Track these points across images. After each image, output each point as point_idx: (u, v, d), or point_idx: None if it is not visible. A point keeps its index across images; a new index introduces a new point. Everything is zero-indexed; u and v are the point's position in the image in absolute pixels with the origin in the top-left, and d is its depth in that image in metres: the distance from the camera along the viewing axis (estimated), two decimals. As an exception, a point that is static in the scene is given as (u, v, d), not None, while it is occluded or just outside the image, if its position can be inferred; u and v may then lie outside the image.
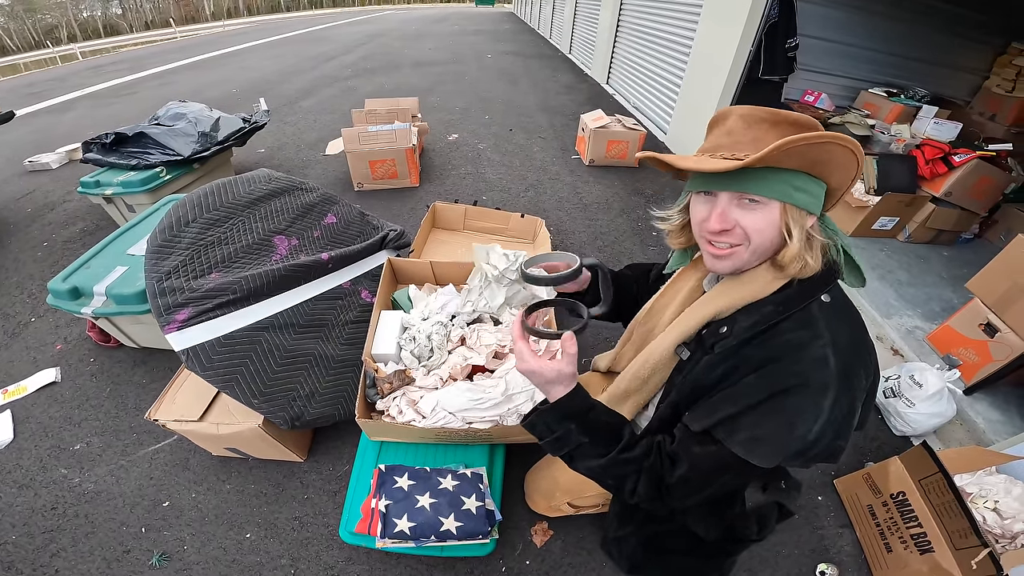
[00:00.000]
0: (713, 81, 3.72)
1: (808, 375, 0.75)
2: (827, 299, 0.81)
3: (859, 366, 0.79)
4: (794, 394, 0.76)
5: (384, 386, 1.53)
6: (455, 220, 2.74)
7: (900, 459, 1.58)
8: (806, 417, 0.75)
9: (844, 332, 0.79)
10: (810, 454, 0.77)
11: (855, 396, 0.78)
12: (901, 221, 3.05)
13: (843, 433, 0.77)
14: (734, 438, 0.80)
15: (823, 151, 0.73)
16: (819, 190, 0.79)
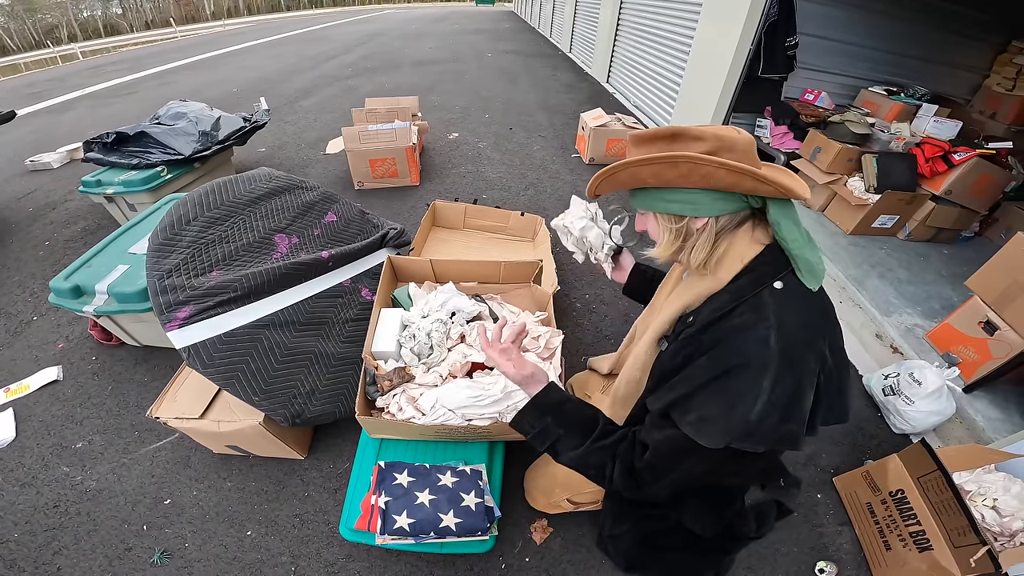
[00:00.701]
0: (713, 79, 3.71)
1: (749, 355, 0.79)
2: (780, 286, 0.84)
3: (807, 350, 0.80)
4: (735, 375, 0.79)
5: (384, 383, 1.53)
6: (455, 218, 2.74)
7: (899, 457, 1.58)
8: (746, 397, 0.77)
9: (793, 316, 0.81)
10: (758, 436, 0.79)
11: (801, 379, 0.79)
12: (901, 219, 3.05)
13: (791, 416, 0.79)
14: (685, 419, 0.84)
15: (658, 170, 0.86)
16: (701, 196, 0.87)
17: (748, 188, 0.84)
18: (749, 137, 0.86)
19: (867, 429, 2.01)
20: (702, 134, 0.84)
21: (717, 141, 0.83)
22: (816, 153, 3.28)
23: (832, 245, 3.01)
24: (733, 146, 0.83)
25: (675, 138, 0.86)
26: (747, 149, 0.84)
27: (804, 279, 0.84)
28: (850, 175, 3.17)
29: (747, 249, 0.89)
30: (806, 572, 1.56)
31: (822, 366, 0.82)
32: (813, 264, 0.85)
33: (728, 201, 0.87)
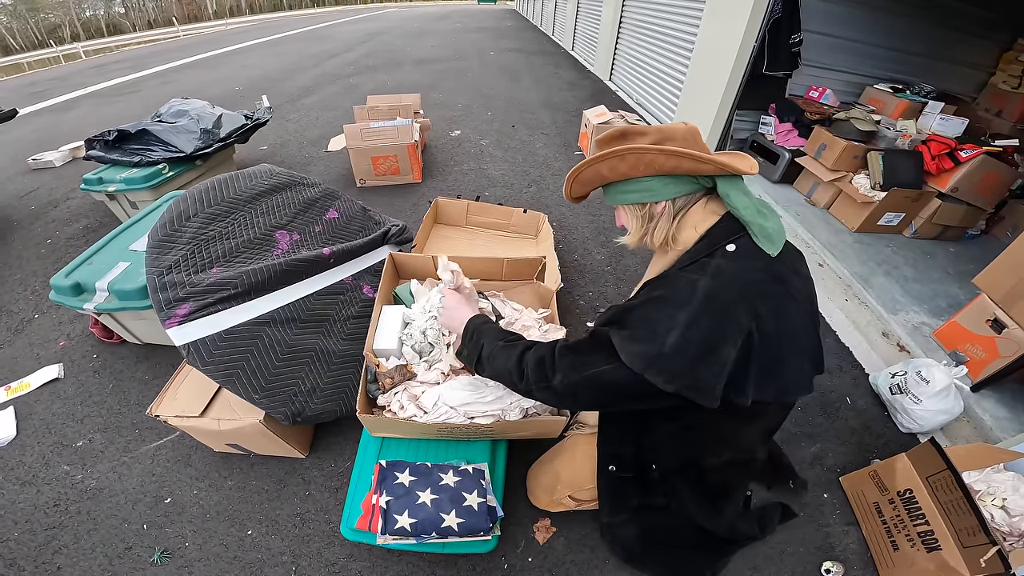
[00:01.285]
0: (716, 77, 3.69)
1: (675, 292, 0.89)
2: (732, 248, 0.92)
3: (737, 303, 0.86)
4: (658, 305, 0.90)
5: (385, 381, 1.52)
6: (457, 216, 2.73)
7: (907, 456, 1.56)
8: (661, 326, 0.86)
9: (732, 271, 0.88)
10: (669, 370, 0.85)
11: (720, 326, 0.85)
12: (907, 217, 3.03)
13: (703, 359, 0.84)
14: (619, 332, 0.92)
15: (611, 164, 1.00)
16: (654, 183, 0.98)
17: (689, 168, 0.94)
18: (691, 127, 0.99)
19: (874, 428, 2.00)
20: (645, 130, 0.99)
21: (659, 133, 0.97)
22: (821, 150, 3.26)
23: (837, 243, 2.99)
24: (673, 135, 0.96)
25: (624, 136, 1.01)
26: (687, 137, 0.96)
27: (760, 243, 0.91)
28: (855, 172, 3.16)
29: (702, 220, 0.99)
30: (812, 572, 1.54)
31: (756, 325, 0.85)
32: (767, 229, 0.92)
33: (680, 184, 0.98)
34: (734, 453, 1.10)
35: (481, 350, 1.19)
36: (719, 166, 0.91)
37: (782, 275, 0.92)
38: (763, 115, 3.83)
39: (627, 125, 1.02)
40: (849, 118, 3.27)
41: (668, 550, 1.30)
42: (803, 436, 1.94)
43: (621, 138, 1.01)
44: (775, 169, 3.64)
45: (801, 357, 0.95)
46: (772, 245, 0.91)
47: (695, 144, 0.96)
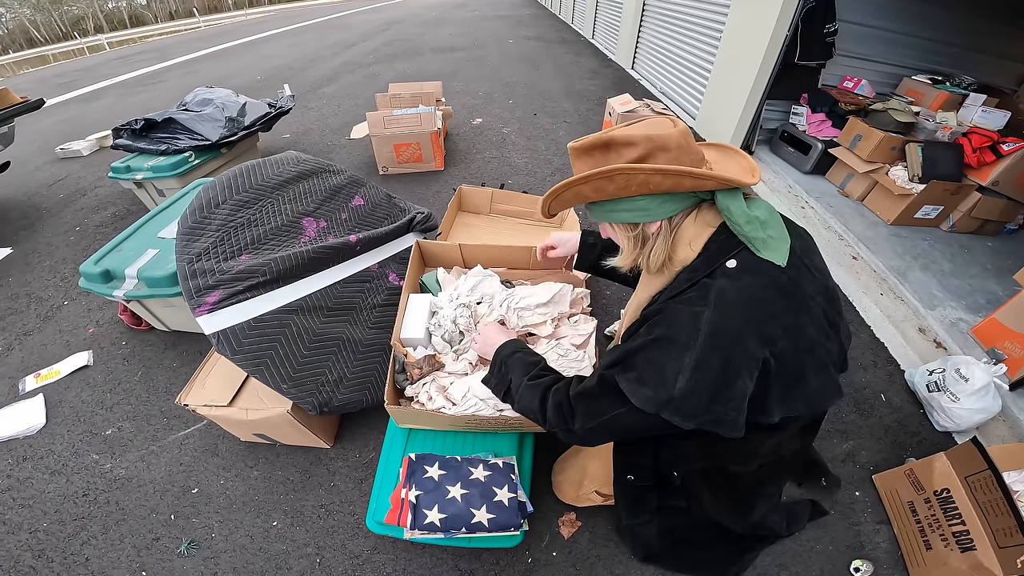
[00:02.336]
0: (746, 67, 3.59)
1: (677, 330, 0.82)
2: (733, 264, 0.83)
3: (745, 331, 0.79)
4: (661, 346, 0.83)
5: (413, 371, 1.49)
6: (482, 203, 2.69)
7: (946, 455, 1.51)
8: (668, 371, 0.80)
9: (736, 295, 0.81)
10: (684, 412, 0.80)
11: (731, 362, 0.78)
12: (945, 210, 2.95)
13: (720, 398, 0.79)
14: (624, 376, 0.87)
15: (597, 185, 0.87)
16: (648, 202, 0.87)
17: (689, 187, 0.84)
18: (682, 129, 0.86)
19: (909, 426, 1.94)
20: (631, 139, 0.84)
21: (649, 143, 0.83)
22: (856, 141, 3.18)
23: (873, 235, 2.92)
24: (666, 144, 0.83)
25: (608, 147, 0.87)
26: (681, 143, 0.84)
27: (764, 256, 0.83)
28: (892, 164, 3.08)
29: (696, 235, 0.89)
30: (841, 571, 1.51)
31: (771, 351, 0.80)
32: (769, 240, 0.84)
33: (677, 201, 0.87)
34: (764, 460, 1.05)
35: (509, 385, 1.17)
36: (722, 182, 0.82)
37: (792, 284, 0.84)
38: (794, 105, 3.75)
39: (611, 133, 0.86)
40: (887, 109, 3.19)
41: (691, 548, 1.26)
42: (836, 433, 1.89)
43: (604, 149, 0.87)
44: (807, 160, 3.56)
45: (824, 367, 0.87)
46: (777, 253, 0.84)
47: (689, 150, 0.85)
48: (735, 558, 1.24)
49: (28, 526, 1.64)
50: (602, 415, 0.92)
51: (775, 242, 0.84)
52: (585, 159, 0.90)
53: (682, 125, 0.87)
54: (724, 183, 0.83)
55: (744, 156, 0.94)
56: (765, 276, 0.82)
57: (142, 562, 1.54)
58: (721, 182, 0.82)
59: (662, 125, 0.86)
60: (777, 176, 3.67)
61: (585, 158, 0.90)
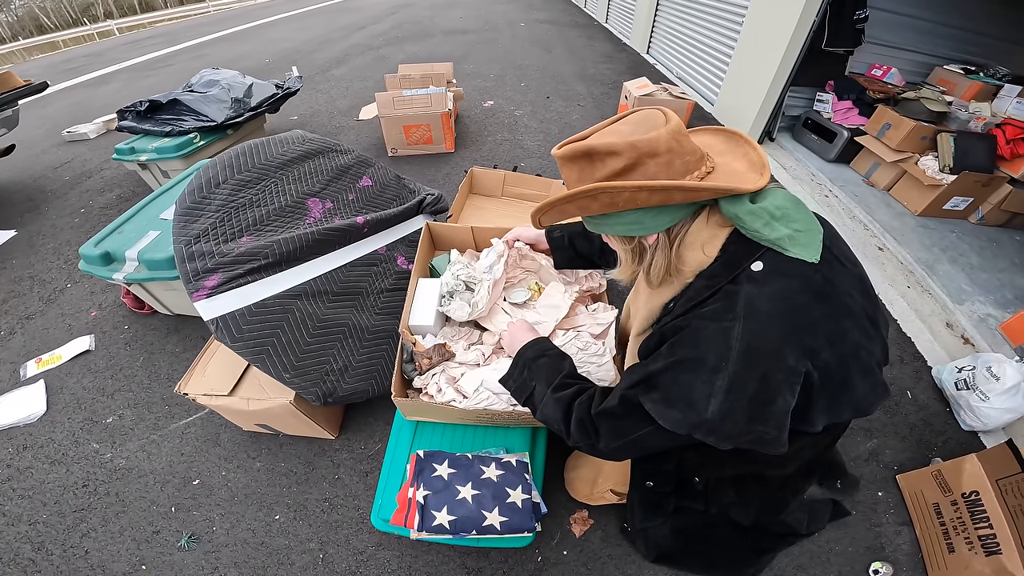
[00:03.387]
0: (770, 53, 3.48)
1: (705, 349, 0.73)
2: (759, 267, 0.74)
3: (783, 345, 0.70)
4: (689, 368, 0.74)
5: (423, 361, 1.42)
6: (493, 186, 2.60)
7: (978, 457, 1.47)
8: (698, 395, 0.72)
9: (768, 304, 0.72)
10: (721, 433, 0.73)
11: (769, 379, 0.70)
12: (975, 202, 2.88)
13: (759, 417, 0.71)
14: (648, 397, 0.79)
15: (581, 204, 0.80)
16: (640, 216, 0.79)
17: (681, 200, 0.76)
18: (673, 127, 0.75)
19: (935, 425, 1.87)
20: (613, 148, 0.74)
21: (634, 152, 0.73)
22: (885, 129, 3.09)
23: (899, 226, 2.85)
24: (654, 150, 0.73)
25: (590, 157, 0.77)
26: (672, 146, 0.74)
27: (794, 254, 0.74)
28: (922, 154, 3.00)
29: (710, 238, 0.80)
30: (859, 573, 1.46)
31: (813, 363, 0.71)
32: (798, 237, 0.75)
33: (673, 212, 0.79)
34: (800, 460, 0.99)
35: (532, 392, 1.09)
36: (718, 193, 0.74)
37: (826, 284, 0.74)
38: (819, 92, 3.68)
39: (592, 141, 0.77)
40: (920, 98, 3.13)
41: (707, 547, 1.20)
42: (860, 431, 1.83)
43: (588, 159, 0.78)
44: (831, 148, 3.49)
45: (870, 370, 0.78)
46: (809, 248, 0.74)
47: (681, 152, 0.75)
48: (752, 558, 1.19)
49: (28, 517, 1.61)
50: (627, 435, 0.87)
51: (804, 236, 0.75)
52: (571, 168, 0.82)
53: (674, 121, 0.76)
54: (720, 193, 0.74)
55: (753, 147, 0.84)
56: (797, 279, 0.73)
57: (142, 556, 1.50)
58: (717, 193, 0.74)
59: (651, 123, 0.77)
60: (799, 164, 3.59)
61: (571, 167, 0.81)
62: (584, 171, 0.79)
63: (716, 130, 0.92)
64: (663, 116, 0.78)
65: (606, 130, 0.82)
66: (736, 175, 0.78)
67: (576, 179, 0.81)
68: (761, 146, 0.86)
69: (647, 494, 1.19)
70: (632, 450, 0.91)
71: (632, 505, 1.27)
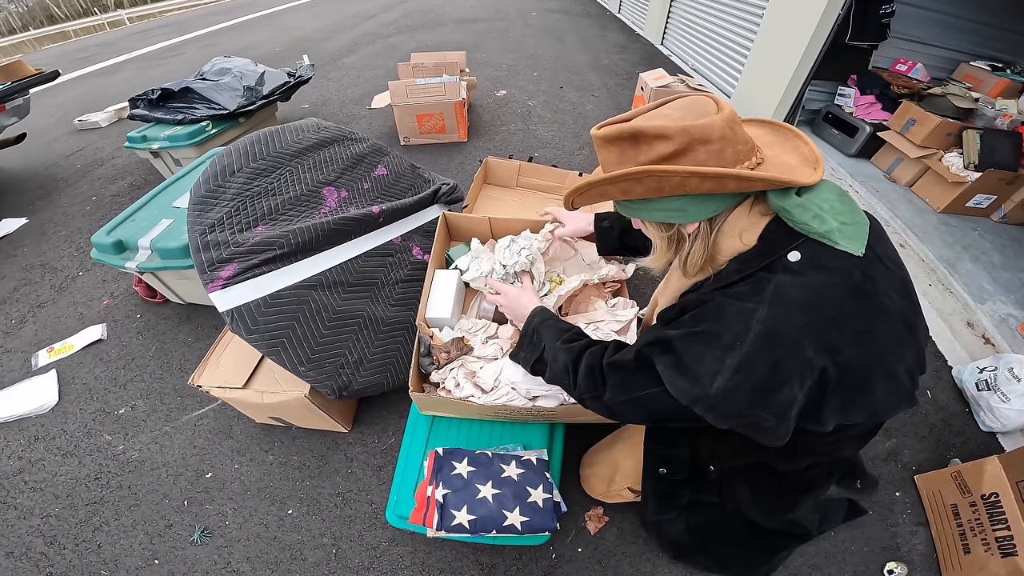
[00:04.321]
0: (791, 47, 3.40)
1: (723, 325, 0.73)
2: (796, 257, 0.72)
3: (803, 337, 0.69)
4: (703, 339, 0.74)
5: (441, 355, 1.39)
6: (508, 177, 2.57)
7: (1000, 459, 1.46)
8: (705, 369, 0.72)
9: (798, 295, 0.70)
10: (720, 411, 0.73)
11: (781, 366, 0.69)
12: (998, 200, 2.82)
13: (760, 403, 0.71)
14: (663, 359, 0.79)
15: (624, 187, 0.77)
16: (684, 203, 0.77)
17: (733, 189, 0.74)
18: (727, 114, 0.73)
19: (954, 425, 1.84)
20: (664, 132, 0.71)
21: (685, 137, 0.70)
22: (909, 125, 3.03)
23: (921, 223, 2.79)
24: (707, 136, 0.70)
25: (636, 139, 0.75)
26: (726, 134, 0.71)
27: (841, 246, 0.71)
28: (946, 150, 2.95)
29: (749, 226, 0.78)
30: (874, 573, 1.45)
31: (832, 360, 0.69)
32: (846, 229, 0.72)
33: (719, 201, 0.77)
34: (817, 459, 0.96)
35: (542, 352, 1.10)
36: (774, 184, 0.71)
37: (866, 282, 0.71)
38: (841, 86, 3.60)
39: (640, 123, 0.73)
40: (946, 94, 3.08)
41: (720, 546, 1.21)
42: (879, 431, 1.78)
43: (632, 141, 0.75)
44: (852, 142, 3.41)
45: (894, 375, 0.74)
46: (854, 241, 0.72)
47: (734, 141, 0.72)
48: (766, 557, 1.20)
49: (40, 511, 1.60)
50: (634, 391, 0.87)
51: (850, 228, 0.73)
52: (610, 149, 0.79)
53: (727, 109, 0.73)
54: (776, 185, 0.72)
55: (804, 140, 0.81)
56: (835, 272, 0.71)
57: (155, 550, 1.49)
58: (772, 184, 0.72)
59: (702, 109, 0.75)
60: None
61: (610, 148, 0.79)
62: (626, 153, 0.76)
63: (762, 121, 0.89)
64: (714, 103, 0.75)
65: (651, 113, 0.78)
66: (787, 167, 0.75)
67: (615, 161, 0.78)
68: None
69: (661, 483, 1.18)
70: (634, 409, 0.91)
71: (646, 496, 1.26)
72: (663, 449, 1.17)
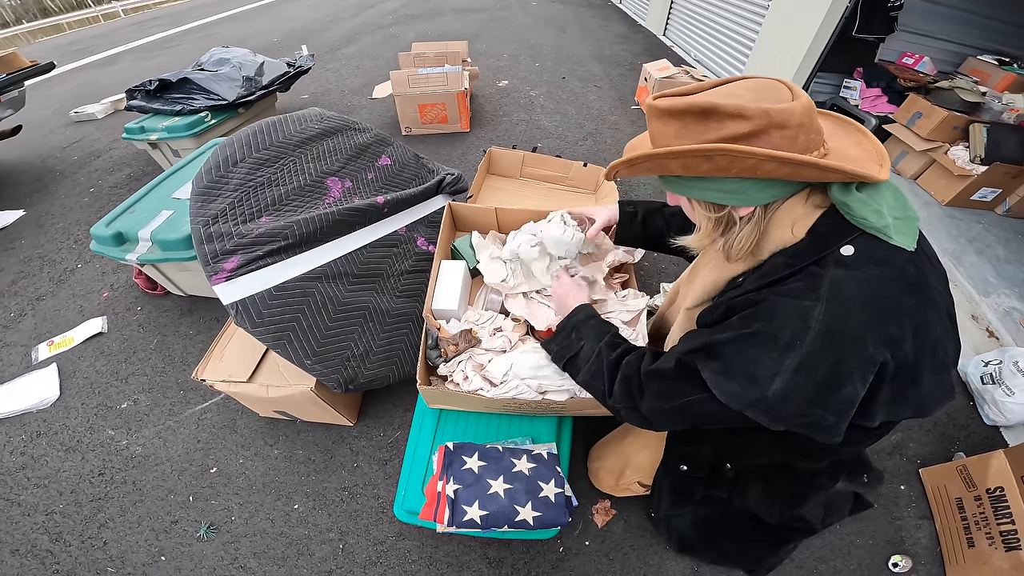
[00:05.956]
0: (798, 39, 3.40)
1: (780, 325, 0.70)
2: (850, 251, 0.70)
3: (865, 333, 0.67)
4: (759, 341, 0.72)
5: (449, 348, 1.37)
6: (512, 167, 2.55)
7: (1005, 453, 1.47)
8: (763, 371, 0.70)
9: (856, 290, 0.68)
10: (776, 414, 0.72)
11: (842, 365, 0.68)
12: (1003, 193, 2.83)
13: (821, 402, 0.69)
14: (707, 364, 0.78)
15: (688, 163, 0.73)
16: (746, 186, 0.74)
17: (807, 178, 0.71)
18: (806, 101, 0.69)
19: (959, 419, 1.84)
20: (743, 112, 0.67)
21: (764, 119, 0.66)
22: (915, 118, 3.02)
23: (927, 216, 2.81)
24: (786, 121, 0.67)
25: (707, 115, 0.70)
26: (804, 121, 0.68)
27: (895, 241, 0.70)
28: (952, 144, 2.94)
29: (802, 216, 0.76)
30: (879, 565, 1.46)
31: (892, 354, 0.68)
32: (898, 224, 0.70)
33: (780, 187, 0.74)
34: (838, 456, 0.97)
35: (579, 351, 1.08)
36: (853, 177, 0.68)
37: (919, 276, 0.70)
38: (847, 79, 3.59)
39: (714, 99, 0.69)
40: (953, 87, 3.06)
41: (726, 539, 1.22)
42: (885, 424, 1.79)
43: (702, 117, 0.70)
44: None
45: (943, 368, 0.73)
46: (907, 237, 0.70)
47: (810, 129, 0.69)
48: (772, 550, 1.21)
49: (44, 507, 1.58)
50: (675, 399, 0.84)
51: (903, 224, 0.71)
52: (669, 122, 0.74)
53: (804, 97, 0.69)
54: (852, 178, 0.68)
55: (865, 134, 0.78)
56: (891, 267, 0.69)
57: (161, 546, 1.48)
58: (849, 176, 0.68)
59: (777, 94, 0.71)
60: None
61: (670, 121, 0.74)
62: (689, 128, 0.72)
63: (825, 113, 0.85)
64: (788, 89, 0.72)
65: (719, 90, 0.74)
66: (854, 161, 0.72)
67: (673, 135, 0.74)
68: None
69: (679, 479, 1.18)
70: (675, 417, 0.89)
71: (660, 491, 1.26)
72: (686, 447, 1.16)
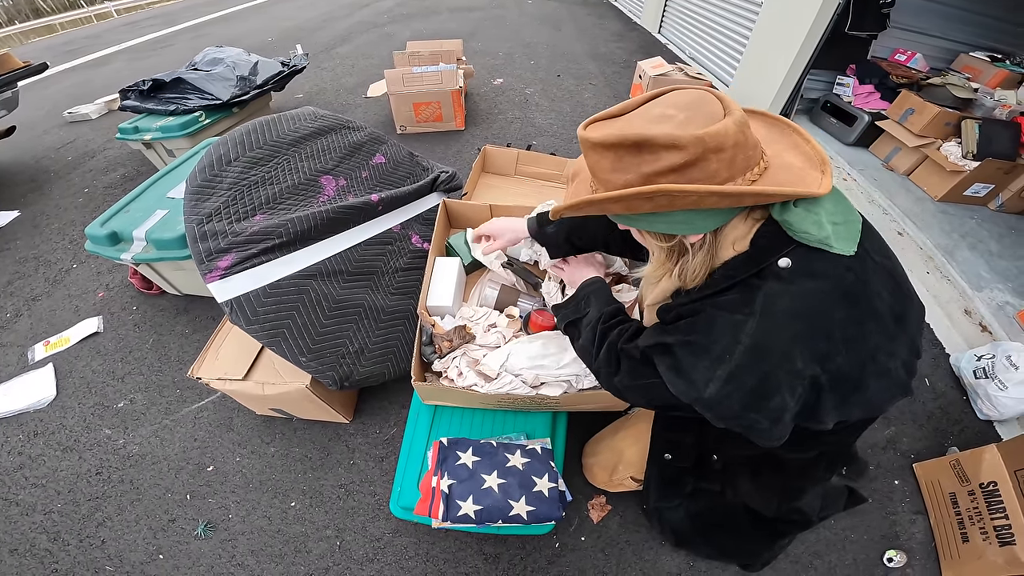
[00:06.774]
0: (791, 36, 3.40)
1: (712, 338, 0.72)
2: (786, 264, 0.69)
3: (793, 348, 0.68)
4: (694, 351, 0.74)
5: (443, 344, 1.38)
6: (506, 165, 2.55)
7: (998, 447, 1.48)
8: (698, 376, 0.73)
9: (788, 304, 0.68)
10: (717, 412, 0.74)
11: (770, 377, 0.68)
12: (995, 189, 2.85)
13: (754, 407, 0.71)
14: (663, 360, 0.80)
15: (629, 205, 0.70)
16: (692, 216, 0.71)
17: (750, 203, 0.70)
18: (739, 117, 0.65)
19: (952, 413, 1.86)
20: (676, 142, 0.62)
21: (699, 146, 0.62)
22: (908, 114, 3.04)
23: (919, 211, 2.81)
24: (721, 144, 0.63)
25: (640, 148, 0.65)
26: (739, 140, 0.65)
27: (834, 249, 0.68)
28: (944, 139, 2.96)
29: (744, 235, 0.74)
30: (874, 560, 1.48)
31: (823, 367, 0.68)
32: (840, 230, 0.70)
33: (726, 212, 0.73)
34: (827, 446, 0.96)
35: (584, 316, 1.10)
36: (790, 197, 0.67)
37: (857, 284, 0.69)
38: (839, 75, 3.60)
39: (648, 132, 0.63)
40: (945, 84, 3.10)
41: (721, 534, 1.22)
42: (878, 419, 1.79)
43: (635, 150, 0.66)
44: (851, 131, 3.42)
45: (886, 371, 0.73)
46: (847, 242, 0.69)
47: (746, 145, 0.66)
48: (767, 544, 1.21)
49: (42, 507, 1.59)
50: (641, 379, 0.88)
51: (843, 228, 0.70)
52: (604, 155, 0.70)
53: (736, 110, 0.65)
54: (794, 198, 0.68)
55: (804, 137, 0.76)
56: (827, 279, 0.68)
57: (159, 545, 1.48)
58: (790, 197, 0.68)
59: (708, 110, 0.66)
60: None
61: (606, 154, 0.69)
62: (624, 160, 0.68)
63: (756, 113, 0.82)
64: (718, 101, 0.67)
65: (652, 115, 0.69)
66: (794, 172, 0.71)
67: (609, 168, 0.70)
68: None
69: (665, 469, 1.19)
70: (641, 395, 0.92)
71: (649, 482, 1.27)
72: (671, 434, 1.17)
